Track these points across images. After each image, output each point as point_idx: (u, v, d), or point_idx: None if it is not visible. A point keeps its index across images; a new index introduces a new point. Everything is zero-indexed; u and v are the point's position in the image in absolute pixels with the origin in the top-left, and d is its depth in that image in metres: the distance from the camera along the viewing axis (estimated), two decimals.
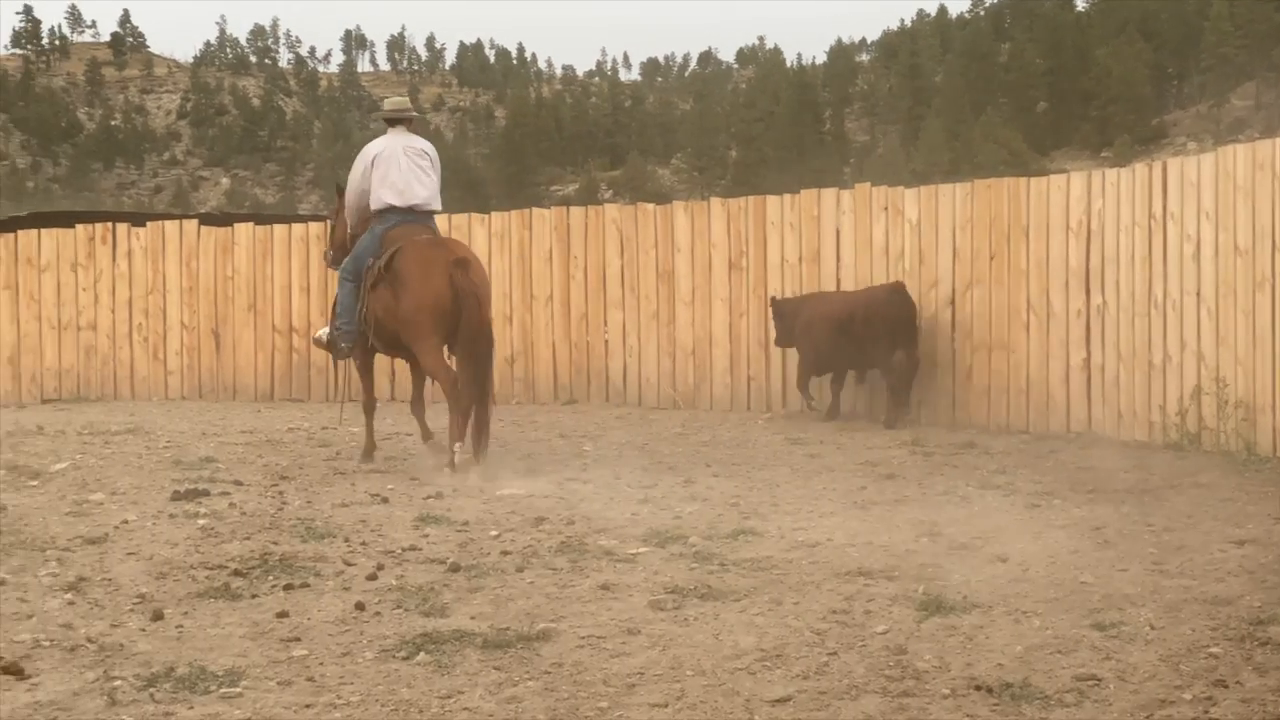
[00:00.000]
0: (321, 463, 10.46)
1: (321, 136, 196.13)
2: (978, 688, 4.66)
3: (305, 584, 6.24)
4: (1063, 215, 12.31)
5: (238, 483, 9.34)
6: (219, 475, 9.72)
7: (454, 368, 10.05)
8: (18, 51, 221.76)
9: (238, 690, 4.69)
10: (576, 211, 16.06)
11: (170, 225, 17.32)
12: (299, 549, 7.00)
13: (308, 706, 4.53)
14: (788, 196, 14.72)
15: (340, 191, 11.22)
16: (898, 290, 12.91)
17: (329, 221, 12.86)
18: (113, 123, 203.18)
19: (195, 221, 17.64)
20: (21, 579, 6.38)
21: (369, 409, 10.96)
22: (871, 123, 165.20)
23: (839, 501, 8.54)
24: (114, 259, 16.99)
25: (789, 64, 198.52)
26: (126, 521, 7.84)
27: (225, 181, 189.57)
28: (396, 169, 10.47)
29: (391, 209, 10.44)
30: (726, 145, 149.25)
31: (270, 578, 6.37)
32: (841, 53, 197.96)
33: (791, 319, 13.76)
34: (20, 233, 17.29)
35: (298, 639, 5.35)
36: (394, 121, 10.86)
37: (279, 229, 17.03)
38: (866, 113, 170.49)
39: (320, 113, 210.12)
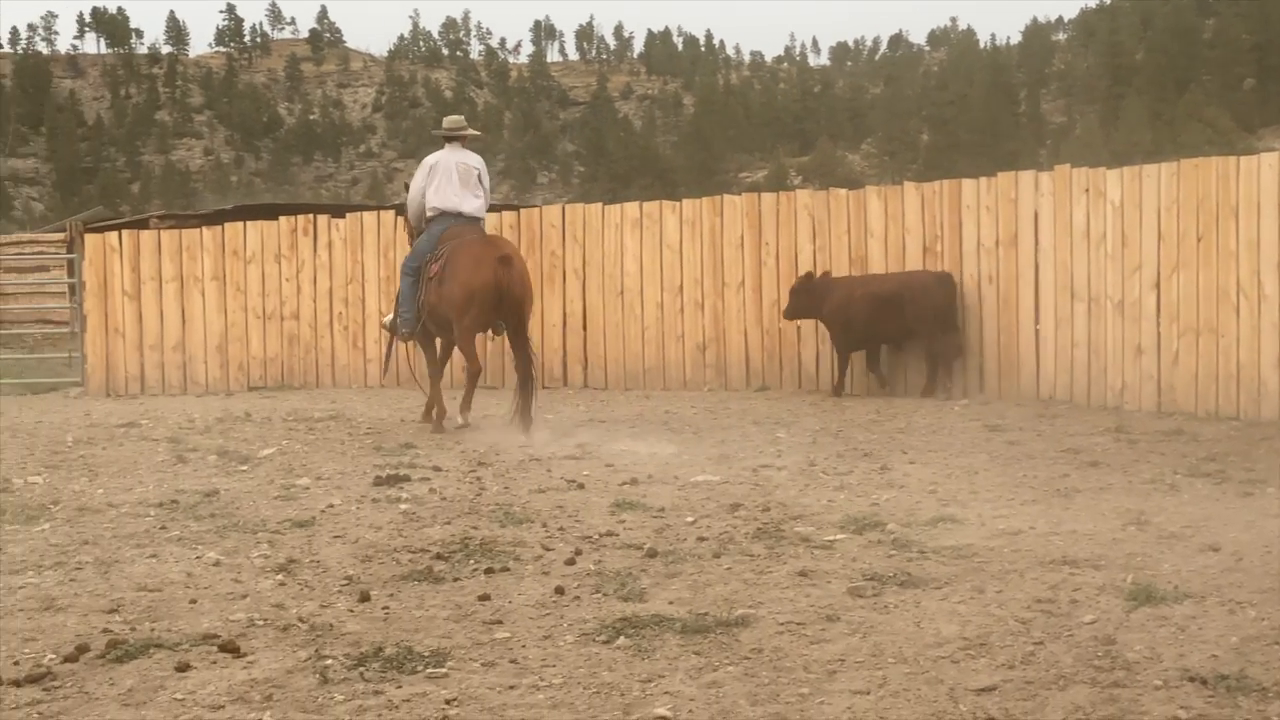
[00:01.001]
0: (517, 448, 10.59)
1: (512, 127, 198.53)
2: (1191, 679, 4.54)
3: (505, 568, 6.33)
4: (1275, 194, 11.89)
5: (437, 468, 9.51)
6: (418, 461, 9.91)
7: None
8: (221, 49, 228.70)
9: (443, 671, 4.77)
10: (768, 197, 16.02)
11: (369, 216, 17.69)
12: (498, 534, 7.10)
13: (511, 688, 4.59)
14: (984, 179, 14.51)
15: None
16: (945, 278, 14.20)
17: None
18: (311, 117, 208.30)
19: (392, 212, 17.98)
20: (235, 560, 6.59)
21: (435, 377, 12.52)
22: (1068, 103, 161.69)
23: (1041, 489, 8.38)
24: (315, 250, 17.41)
25: (982, 45, 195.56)
26: (332, 506, 8.04)
27: None
28: (449, 182, 12.10)
29: (443, 214, 12.04)
30: (918, 129, 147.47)
31: (471, 562, 6.48)
32: (1037, 32, 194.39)
33: (821, 297, 14.44)
34: (226, 225, 17.80)
35: (499, 622, 5.42)
36: (451, 138, 12.42)
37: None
38: (1063, 93, 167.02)
39: (510, 103, 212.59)
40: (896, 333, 14.35)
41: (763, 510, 7.70)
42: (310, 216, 17.73)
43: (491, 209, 18.50)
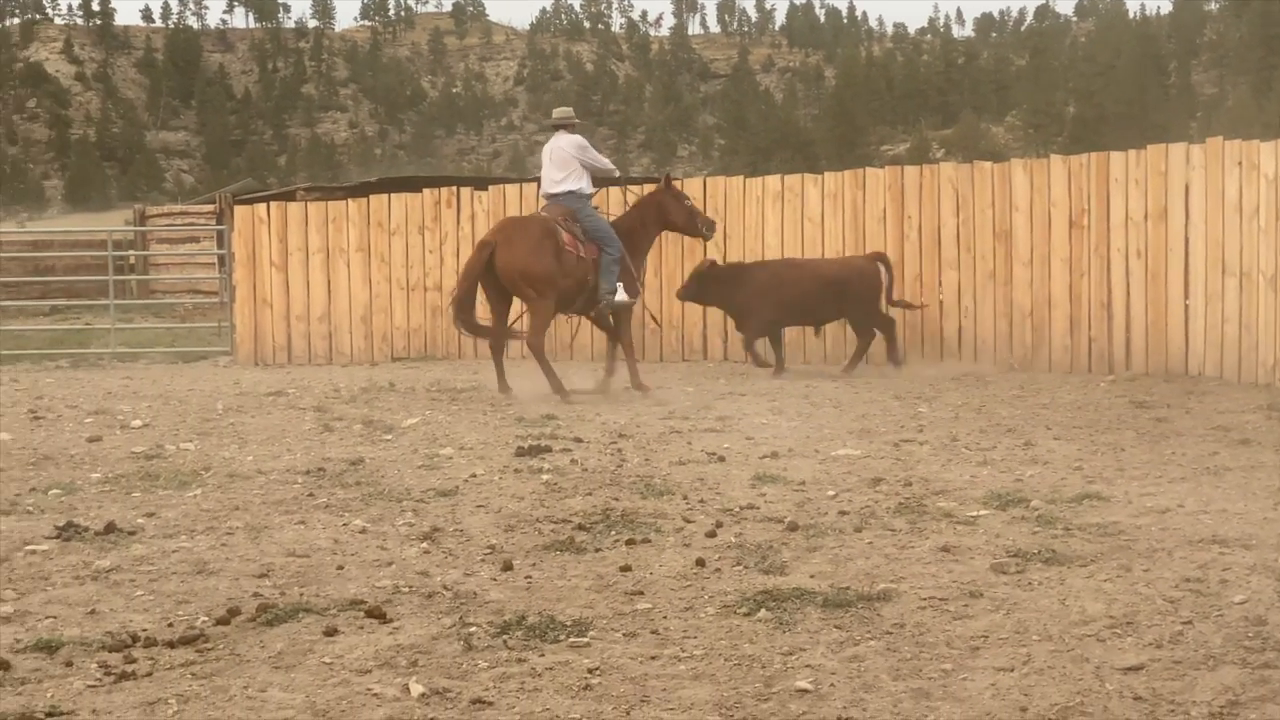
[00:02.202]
0: (658, 421, 10.61)
1: (653, 100, 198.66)
2: None
3: (646, 539, 6.36)
4: None
5: (578, 440, 9.57)
6: (559, 432, 9.98)
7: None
8: (366, 24, 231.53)
9: (586, 640, 4.80)
10: (910, 171, 15.84)
11: (511, 189, 17.80)
12: (639, 505, 7.12)
13: (653, 658, 4.61)
14: (1133, 152, 14.21)
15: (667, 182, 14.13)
16: (878, 260, 14.63)
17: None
18: (454, 90, 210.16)
19: (535, 184, 18.07)
20: (380, 528, 6.69)
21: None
22: (1220, 74, 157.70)
23: (1189, 467, 8.21)
24: (458, 222, 17.54)
25: (1131, 15, 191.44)
26: (475, 475, 8.12)
27: None
28: (549, 167, 13.28)
29: (546, 197, 13.27)
30: (1064, 101, 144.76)
31: (612, 533, 6.51)
32: (1188, 2, 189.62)
33: (732, 284, 14.48)
34: (371, 197, 18.01)
35: (641, 593, 5.45)
36: (557, 127, 13.51)
37: (614, 191, 17.28)
38: (1215, 64, 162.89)
39: (651, 76, 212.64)
40: (834, 314, 14.70)
41: (904, 485, 7.65)
42: (453, 189, 17.87)
43: (631, 181, 18.60)
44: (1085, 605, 5.15)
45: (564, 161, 13.17)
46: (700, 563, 5.87)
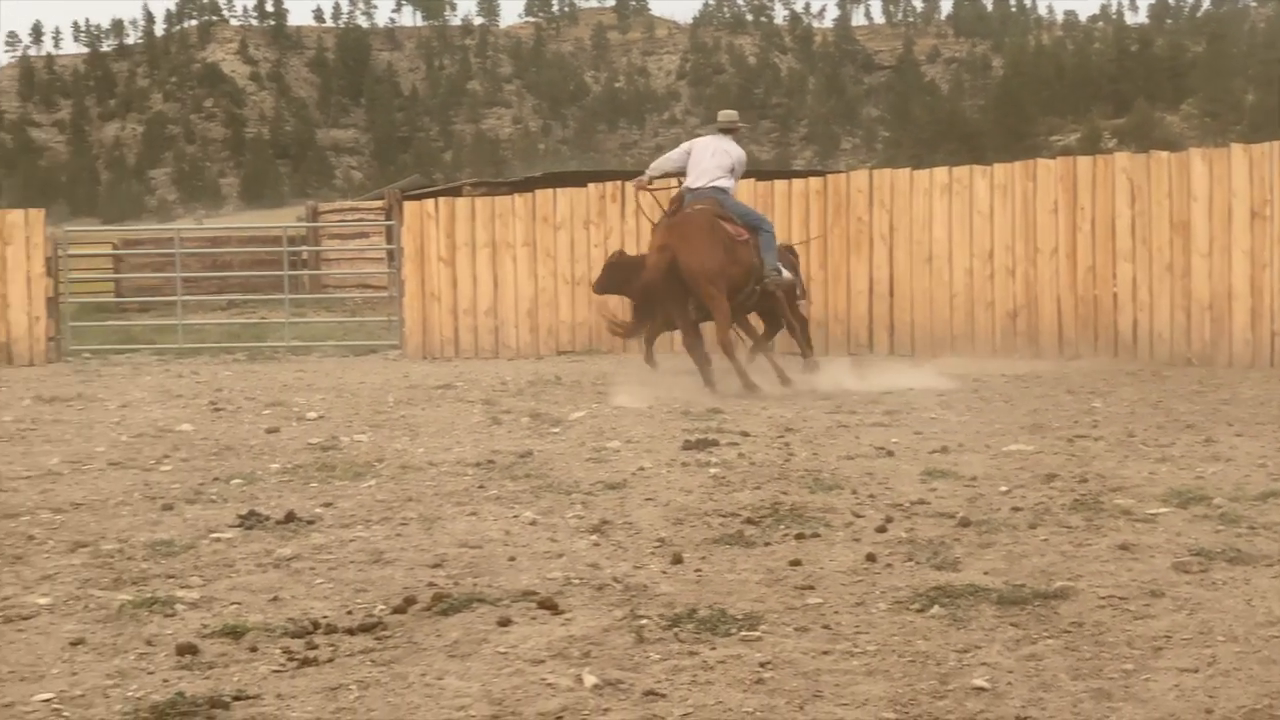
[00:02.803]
0: (825, 415, 10.55)
1: (815, 92, 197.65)
2: None
3: (815, 534, 6.32)
4: None
5: (744, 433, 9.55)
6: (726, 426, 9.97)
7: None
8: (530, 20, 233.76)
9: (757, 634, 4.79)
10: (1083, 161, 15.54)
11: (675, 183, 17.82)
12: (808, 500, 7.09)
13: (825, 653, 4.58)
14: None
15: None
16: (791, 250, 14.63)
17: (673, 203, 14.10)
18: (616, 85, 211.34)
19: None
20: (550, 520, 6.75)
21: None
22: None
23: None
24: (622, 216, 17.62)
25: None
26: (642, 469, 8.15)
27: None
28: (702, 163, 13.05)
29: (691, 190, 12.98)
30: (1242, 89, 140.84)
31: (781, 527, 6.49)
32: None
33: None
34: (537, 192, 18.18)
35: (811, 587, 5.42)
36: (723, 130, 13.44)
37: (779, 184, 17.25)
38: None
39: (814, 68, 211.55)
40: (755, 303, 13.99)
41: (1080, 481, 7.50)
42: (618, 183, 17.95)
43: (795, 174, 18.54)
44: (1273, 606, 5.00)
45: (725, 164, 13.12)
46: (871, 558, 5.82)
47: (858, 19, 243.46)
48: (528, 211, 17.73)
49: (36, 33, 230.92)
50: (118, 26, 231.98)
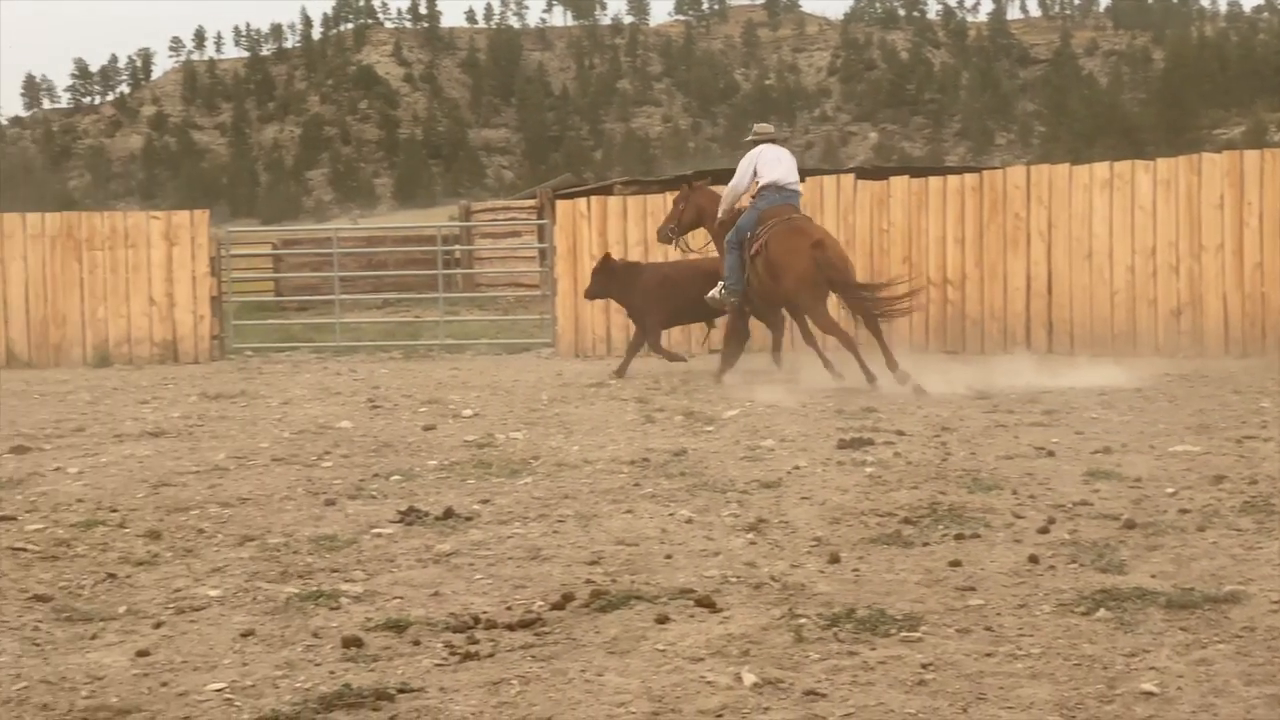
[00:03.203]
0: (982, 414, 10.41)
1: (969, 87, 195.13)
2: None
3: (975, 534, 6.24)
4: None
5: (900, 432, 9.46)
6: (881, 425, 9.89)
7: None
8: (680, 18, 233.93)
9: (917, 635, 4.74)
10: (1251, 155, 15.13)
11: (828, 180, 17.75)
12: (966, 500, 7.00)
13: (988, 655, 4.52)
14: None
15: (688, 185, 15.15)
16: None
17: (677, 205, 14.85)
18: (766, 82, 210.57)
19: (851, 176, 17.99)
20: (706, 518, 6.75)
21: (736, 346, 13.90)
22: None
23: None
24: None
25: None
26: (798, 467, 8.11)
27: (873, 136, 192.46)
28: (777, 163, 13.45)
29: (772, 185, 13.24)
30: None
31: (940, 527, 6.42)
32: None
33: (627, 280, 14.74)
34: None
35: (972, 588, 5.35)
36: (760, 141, 13.74)
37: (934, 181, 17.07)
38: None
39: (968, 63, 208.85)
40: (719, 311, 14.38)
41: (1249, 483, 7.30)
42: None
43: (949, 171, 18.33)
44: None
45: (793, 167, 13.70)
46: (1033, 559, 5.73)
47: (1013, 12, 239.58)
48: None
49: (199, 37, 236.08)
50: (276, 31, 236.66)
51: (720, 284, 13.41)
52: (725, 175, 20.41)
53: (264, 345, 19.45)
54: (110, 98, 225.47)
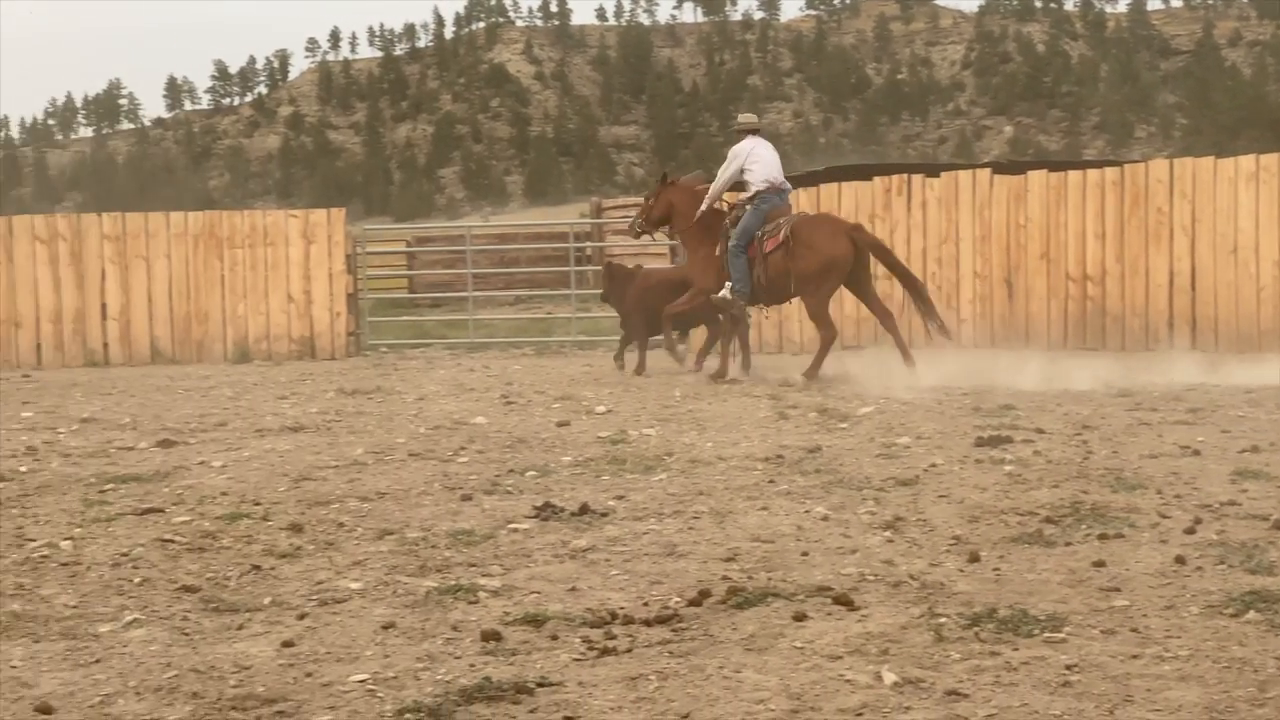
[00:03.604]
0: (1123, 413, 10.24)
1: (1108, 80, 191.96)
2: None
3: (1119, 534, 6.13)
4: None
5: (1039, 430, 9.32)
6: (1020, 422, 9.75)
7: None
8: (811, 13, 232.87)
9: (1061, 636, 4.66)
10: None
11: (964, 175, 17.55)
12: (1109, 499, 6.87)
13: (1134, 657, 4.44)
14: None
15: (663, 180, 14.80)
16: None
17: (648, 199, 15.01)
18: (899, 76, 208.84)
19: (988, 170, 17.77)
20: (842, 515, 6.70)
21: (742, 340, 14.21)
22: None
23: None
24: (909, 209, 17.42)
25: None
26: (934, 465, 8.03)
27: (1008, 130, 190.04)
28: (767, 161, 13.63)
29: (770, 187, 13.48)
30: None
31: (1083, 526, 6.31)
32: None
33: (623, 285, 15.28)
34: (821, 186, 18.10)
35: (1117, 589, 5.25)
36: (746, 131, 13.93)
37: (1073, 175, 16.80)
38: None
39: (1107, 55, 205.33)
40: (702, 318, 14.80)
41: None
42: (904, 176, 17.75)
43: (1088, 164, 18.06)
44: None
45: (779, 163, 13.86)
46: (1180, 560, 5.61)
47: (1153, 3, 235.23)
48: (811, 206, 17.63)
49: (334, 38, 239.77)
50: (410, 30, 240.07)
51: (728, 285, 13.50)
52: (855, 172, 20.36)
53: (398, 342, 19.69)
54: (249, 98, 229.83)
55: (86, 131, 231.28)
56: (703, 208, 13.94)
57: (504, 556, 6.01)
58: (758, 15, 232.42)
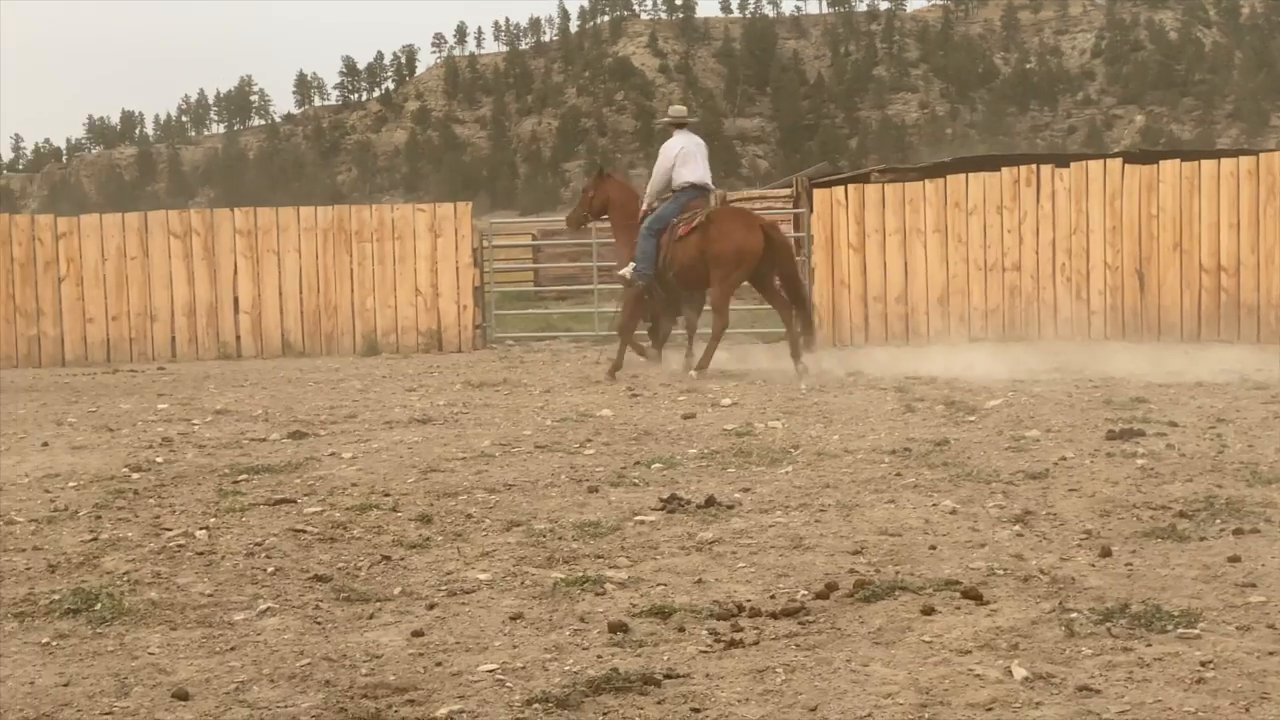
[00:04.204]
0: (1259, 405, 10.04)
1: (1243, 67, 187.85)
2: None
3: (1255, 530, 6.01)
4: None
5: (1172, 424, 9.17)
6: (1151, 416, 9.60)
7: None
8: (938, 3, 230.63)
9: (1195, 632, 4.58)
10: None
11: (1094, 165, 17.30)
12: (1245, 494, 6.74)
13: (1271, 654, 4.35)
14: None
15: (598, 173, 15.54)
16: None
17: (587, 192, 15.54)
18: (1027, 65, 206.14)
19: (1119, 160, 17.49)
20: (970, 509, 6.64)
21: (628, 331, 14.61)
22: None
23: None
24: (1038, 200, 17.21)
25: None
26: (1064, 458, 7.93)
27: (1139, 119, 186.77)
28: (696, 161, 14.21)
29: (691, 186, 14.07)
30: None
31: (1217, 521, 6.19)
32: None
33: None
34: (949, 177, 17.94)
35: (1253, 585, 5.15)
36: (679, 125, 14.46)
37: (1206, 165, 16.49)
38: None
39: (1241, 42, 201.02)
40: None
41: None
42: (1033, 167, 17.55)
43: (1223, 154, 17.72)
44: None
45: (706, 160, 14.40)
46: None
47: None
48: (939, 197, 17.53)
49: (460, 34, 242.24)
50: (535, 25, 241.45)
51: (631, 264, 14.10)
52: (983, 163, 20.16)
53: (524, 334, 19.83)
54: (376, 94, 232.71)
55: (219, 128, 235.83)
56: (643, 208, 14.42)
57: (630, 548, 6.04)
58: (883, 6, 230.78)
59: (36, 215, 20.52)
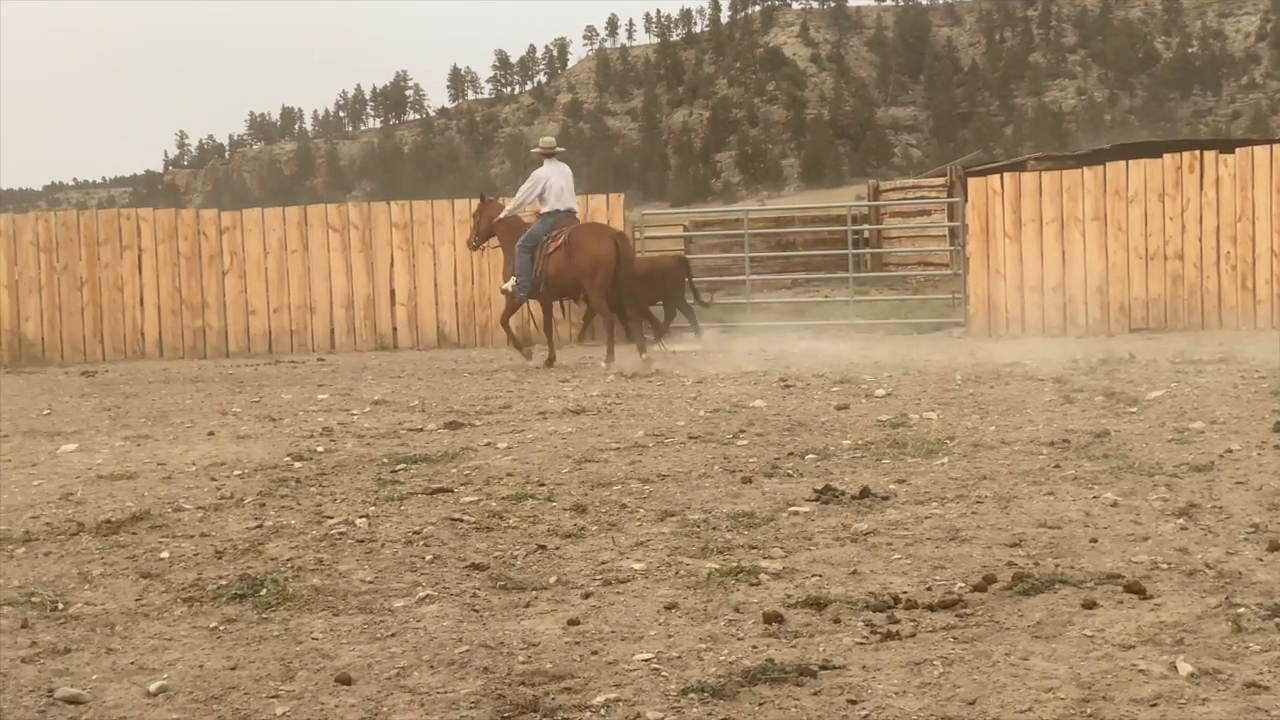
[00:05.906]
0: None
1: None
2: None
3: None
4: None
5: None
6: None
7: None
8: None
9: None
10: None
11: (1260, 150, 16.87)
12: None
13: None
14: None
15: (481, 199, 16.76)
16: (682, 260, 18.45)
17: (475, 217, 16.72)
18: (1189, 50, 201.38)
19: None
20: (1132, 502, 6.51)
21: (548, 329, 15.95)
22: None
23: None
24: (1201, 187, 16.83)
25: None
26: (1230, 451, 7.74)
27: None
28: (560, 190, 15.49)
29: (556, 211, 15.41)
30: None
31: None
32: None
33: None
34: (1109, 165, 17.60)
35: None
36: (548, 155, 15.77)
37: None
38: None
39: None
40: (650, 301, 17.08)
41: None
42: (1196, 153, 17.14)
43: None
44: None
45: (571, 188, 15.66)
46: None
47: None
48: (1097, 185, 17.22)
49: (611, 26, 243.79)
50: (686, 16, 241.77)
51: (513, 279, 15.40)
52: (1144, 149, 19.74)
53: (676, 325, 19.83)
54: (529, 87, 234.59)
55: (375, 123, 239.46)
56: (500, 216, 15.90)
57: (785, 539, 6.02)
58: None
59: (201, 210, 21.02)
